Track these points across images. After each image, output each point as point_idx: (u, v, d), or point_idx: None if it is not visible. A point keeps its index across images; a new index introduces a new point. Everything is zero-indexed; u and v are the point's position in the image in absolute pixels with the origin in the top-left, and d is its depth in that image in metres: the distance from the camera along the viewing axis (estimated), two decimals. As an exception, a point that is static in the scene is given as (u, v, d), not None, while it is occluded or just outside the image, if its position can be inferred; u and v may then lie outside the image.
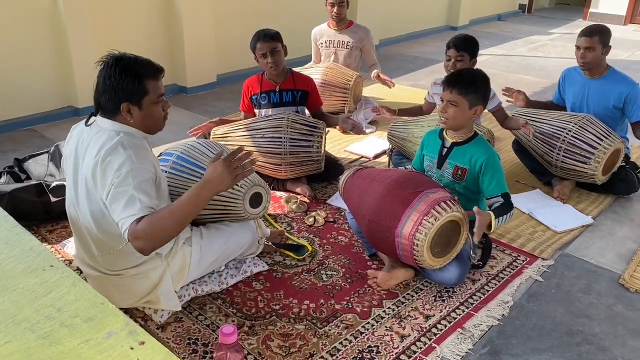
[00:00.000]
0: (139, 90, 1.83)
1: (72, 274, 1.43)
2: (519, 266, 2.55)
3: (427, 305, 2.26)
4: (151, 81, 1.85)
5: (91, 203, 1.88)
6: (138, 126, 1.90)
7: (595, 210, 3.09)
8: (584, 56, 3.16)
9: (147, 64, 1.86)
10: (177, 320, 2.13)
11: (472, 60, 3.21)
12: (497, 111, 3.32)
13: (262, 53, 3.12)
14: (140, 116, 1.87)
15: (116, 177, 1.76)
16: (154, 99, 1.88)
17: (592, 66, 3.20)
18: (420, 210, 2.15)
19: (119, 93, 1.81)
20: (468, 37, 3.24)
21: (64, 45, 4.14)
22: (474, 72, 2.45)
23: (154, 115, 1.91)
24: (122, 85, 1.80)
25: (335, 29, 4.33)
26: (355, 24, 4.36)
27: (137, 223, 1.70)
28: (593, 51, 3.14)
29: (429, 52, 7.04)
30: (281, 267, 2.48)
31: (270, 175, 3.13)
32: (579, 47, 3.19)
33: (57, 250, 2.56)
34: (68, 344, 1.18)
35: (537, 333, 2.15)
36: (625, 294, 2.41)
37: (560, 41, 8.01)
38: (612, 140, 2.99)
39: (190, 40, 4.87)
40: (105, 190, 1.78)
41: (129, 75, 1.80)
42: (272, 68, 3.15)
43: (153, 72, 1.87)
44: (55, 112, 4.26)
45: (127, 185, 1.75)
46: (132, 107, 1.84)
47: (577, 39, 3.20)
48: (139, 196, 1.75)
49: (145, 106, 1.87)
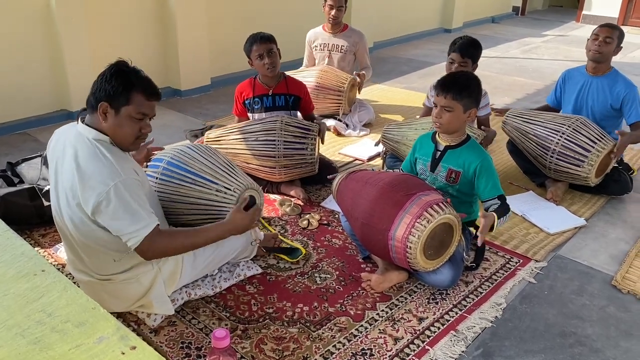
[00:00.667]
0: (122, 97, 1.81)
1: (64, 278, 1.43)
2: (512, 268, 2.55)
3: (420, 307, 2.27)
4: (139, 96, 1.83)
5: (72, 212, 1.87)
6: (108, 131, 1.86)
7: (588, 212, 3.10)
8: (601, 45, 3.18)
9: (145, 79, 1.86)
10: (170, 324, 2.12)
11: (473, 65, 3.22)
12: (484, 119, 3.34)
13: (258, 54, 3.12)
14: (113, 122, 1.84)
15: (104, 191, 1.74)
16: (133, 113, 1.83)
17: (602, 59, 3.22)
18: (413, 213, 2.15)
19: (103, 91, 1.81)
20: (473, 42, 3.24)
21: (57, 49, 4.13)
22: (466, 76, 2.46)
23: (126, 128, 1.85)
24: (109, 85, 1.80)
25: (330, 32, 4.34)
26: (350, 28, 4.37)
27: (156, 234, 1.81)
28: (610, 44, 3.18)
29: (422, 54, 7.06)
30: (275, 270, 2.48)
31: (264, 178, 3.13)
32: (597, 36, 3.20)
33: (50, 255, 2.55)
34: (59, 349, 1.18)
35: (530, 335, 2.15)
36: (618, 295, 2.42)
37: (553, 43, 8.05)
38: (605, 143, 3.00)
39: (184, 43, 4.87)
40: (90, 204, 1.77)
41: (120, 78, 1.80)
42: (269, 69, 3.15)
43: (145, 89, 1.84)
44: (49, 116, 4.25)
45: (124, 201, 1.77)
46: (110, 110, 1.82)
47: (597, 29, 3.23)
48: (142, 206, 1.81)
49: (122, 115, 1.83)
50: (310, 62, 4.53)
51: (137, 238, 1.79)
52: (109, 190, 1.75)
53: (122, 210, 1.77)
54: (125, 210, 1.77)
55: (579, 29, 9.25)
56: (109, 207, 1.76)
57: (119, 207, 1.76)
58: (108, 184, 1.75)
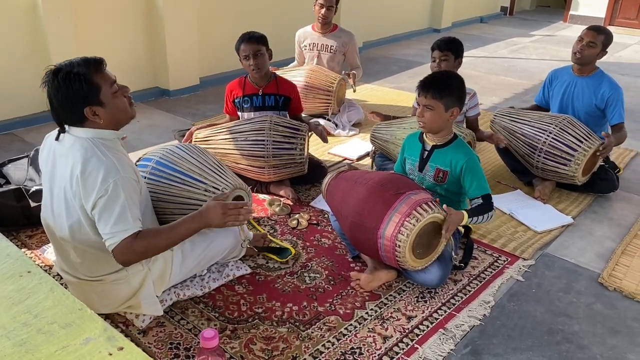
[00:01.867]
0: (91, 89, 1.79)
1: (50, 279, 1.42)
2: (500, 266, 2.57)
3: (409, 306, 2.27)
4: (97, 75, 1.81)
5: (70, 215, 1.87)
6: (109, 125, 1.87)
7: (575, 210, 3.13)
8: (583, 49, 3.21)
9: (84, 62, 1.81)
10: (159, 324, 2.11)
11: (457, 60, 3.25)
12: (473, 120, 3.37)
13: (245, 55, 3.12)
14: (107, 114, 1.84)
15: (103, 187, 1.76)
16: (110, 91, 1.83)
17: (585, 61, 3.25)
18: (402, 212, 2.16)
19: (75, 101, 1.78)
20: (451, 38, 3.31)
21: (44, 49, 4.10)
22: (447, 75, 2.46)
23: (119, 106, 1.87)
24: (73, 92, 1.77)
25: (319, 31, 4.33)
26: (339, 29, 4.37)
27: (134, 239, 1.79)
28: (593, 48, 3.20)
29: (412, 54, 7.08)
30: (264, 270, 2.47)
31: (253, 178, 3.12)
32: (582, 38, 3.23)
33: (37, 256, 2.53)
34: (45, 351, 1.17)
35: (517, 332, 2.17)
36: (604, 292, 2.44)
37: (541, 43, 8.11)
38: (591, 142, 3.03)
39: (173, 43, 4.85)
40: (91, 200, 1.77)
41: (74, 80, 1.76)
42: (254, 71, 3.15)
43: (94, 66, 1.82)
44: (36, 116, 4.21)
45: (117, 198, 1.78)
46: (96, 108, 1.82)
47: (584, 31, 3.26)
48: (130, 209, 1.81)
49: (107, 101, 1.83)
50: (300, 61, 4.53)
51: (115, 239, 1.78)
52: (108, 187, 1.76)
53: (111, 208, 1.78)
54: (114, 209, 1.78)
55: (566, 29, 9.32)
56: (102, 202, 1.77)
57: (109, 203, 1.77)
58: (108, 180, 1.77)
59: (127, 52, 4.75)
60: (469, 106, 3.32)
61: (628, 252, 2.73)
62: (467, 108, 3.33)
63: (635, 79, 6.18)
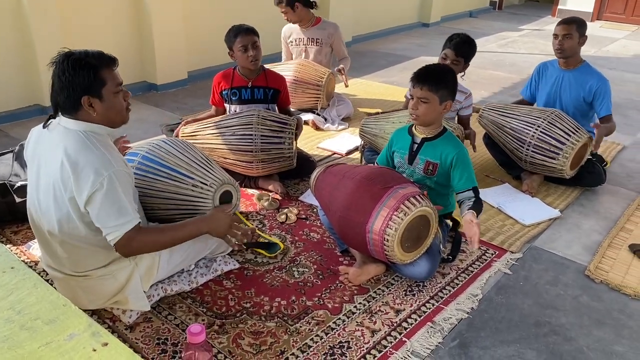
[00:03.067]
0: (96, 81, 1.80)
1: (34, 275, 1.40)
2: (488, 259, 2.58)
3: (397, 299, 2.28)
4: (106, 71, 1.83)
5: (58, 209, 1.85)
6: (101, 120, 1.87)
7: (563, 204, 3.15)
8: (562, 43, 3.24)
9: (98, 54, 1.84)
10: (146, 320, 2.10)
11: (465, 64, 3.23)
12: (465, 119, 3.37)
13: (242, 46, 3.08)
14: (102, 108, 1.84)
15: (98, 181, 1.75)
16: (113, 89, 1.85)
17: (569, 54, 3.27)
18: (390, 206, 2.16)
19: (76, 87, 1.78)
20: (470, 41, 3.22)
21: (28, 42, 4.04)
22: (442, 68, 2.48)
23: (116, 106, 1.88)
24: (78, 79, 1.77)
25: (303, 27, 4.31)
26: (323, 21, 4.34)
27: (136, 231, 1.82)
28: (570, 39, 3.22)
29: (401, 48, 7.07)
30: (252, 265, 2.47)
31: (241, 173, 3.11)
32: (557, 35, 3.26)
33: (22, 252, 2.50)
34: (28, 347, 1.16)
35: (505, 325, 2.18)
36: (591, 285, 2.46)
37: (530, 37, 8.13)
38: (579, 135, 3.05)
39: (160, 37, 4.80)
40: (85, 193, 1.76)
41: (83, 67, 1.77)
42: (252, 62, 3.12)
43: (107, 62, 1.84)
44: (21, 111, 4.15)
45: (114, 191, 1.78)
46: (93, 100, 1.81)
47: (555, 27, 3.29)
48: (129, 203, 1.82)
49: (106, 97, 1.83)
50: (288, 57, 4.51)
51: (118, 232, 1.80)
52: (103, 180, 1.75)
53: (111, 201, 1.78)
54: (114, 203, 1.78)
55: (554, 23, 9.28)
56: (100, 197, 1.76)
57: (108, 197, 1.77)
58: (102, 173, 1.76)
59: (114, 46, 4.68)
60: (463, 105, 3.32)
61: (614, 245, 2.75)
62: (461, 107, 3.33)
63: (623, 73, 6.22)
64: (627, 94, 5.41)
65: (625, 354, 2.06)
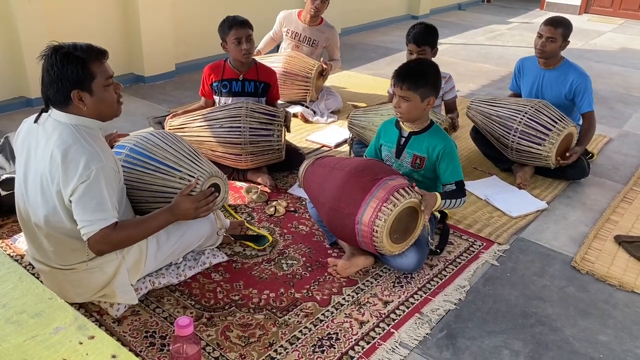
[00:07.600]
0: (86, 75, 1.78)
1: (20, 268, 1.39)
2: (476, 251, 2.60)
3: (386, 291, 2.29)
4: (96, 64, 1.81)
5: (45, 202, 1.84)
6: (92, 114, 1.85)
7: (550, 196, 3.17)
8: (544, 45, 3.23)
9: (87, 47, 1.81)
10: (133, 313, 2.09)
11: (433, 50, 3.23)
12: (451, 103, 3.38)
13: (236, 39, 3.06)
14: (93, 102, 1.83)
15: (85, 173, 1.74)
16: (103, 82, 1.83)
17: (549, 56, 3.27)
18: (379, 197, 2.17)
19: (65, 81, 1.76)
20: (428, 29, 3.21)
21: (13, 34, 3.98)
22: (422, 64, 2.45)
23: (107, 99, 1.86)
24: (66, 73, 1.75)
25: (306, 23, 4.28)
26: (324, 23, 4.32)
27: (112, 229, 1.80)
28: (554, 42, 3.21)
29: (390, 41, 7.07)
30: (241, 258, 2.46)
31: (230, 166, 3.09)
32: (541, 35, 3.24)
33: (7, 245, 2.48)
34: (13, 341, 1.15)
35: (492, 316, 2.20)
36: (577, 275, 2.49)
37: (518, 30, 8.16)
38: (565, 123, 3.07)
39: (147, 28, 4.75)
40: (71, 185, 1.75)
41: (72, 61, 1.75)
42: (246, 55, 3.10)
43: (96, 55, 1.82)
44: (6, 103, 4.09)
45: (98, 185, 1.77)
46: (83, 93, 1.80)
47: (542, 27, 3.26)
48: (110, 199, 1.81)
49: (96, 91, 1.82)
50: (276, 38, 4.44)
51: (92, 227, 1.78)
52: (90, 173, 1.75)
53: (91, 195, 1.76)
54: (94, 197, 1.77)
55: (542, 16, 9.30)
56: (82, 189, 1.75)
57: (90, 191, 1.76)
58: (90, 167, 1.75)
59: (101, 37, 4.63)
60: (445, 90, 3.33)
61: (600, 236, 2.78)
62: (444, 92, 3.34)
63: (610, 66, 6.27)
64: (613, 86, 5.45)
65: (610, 343, 2.09)
